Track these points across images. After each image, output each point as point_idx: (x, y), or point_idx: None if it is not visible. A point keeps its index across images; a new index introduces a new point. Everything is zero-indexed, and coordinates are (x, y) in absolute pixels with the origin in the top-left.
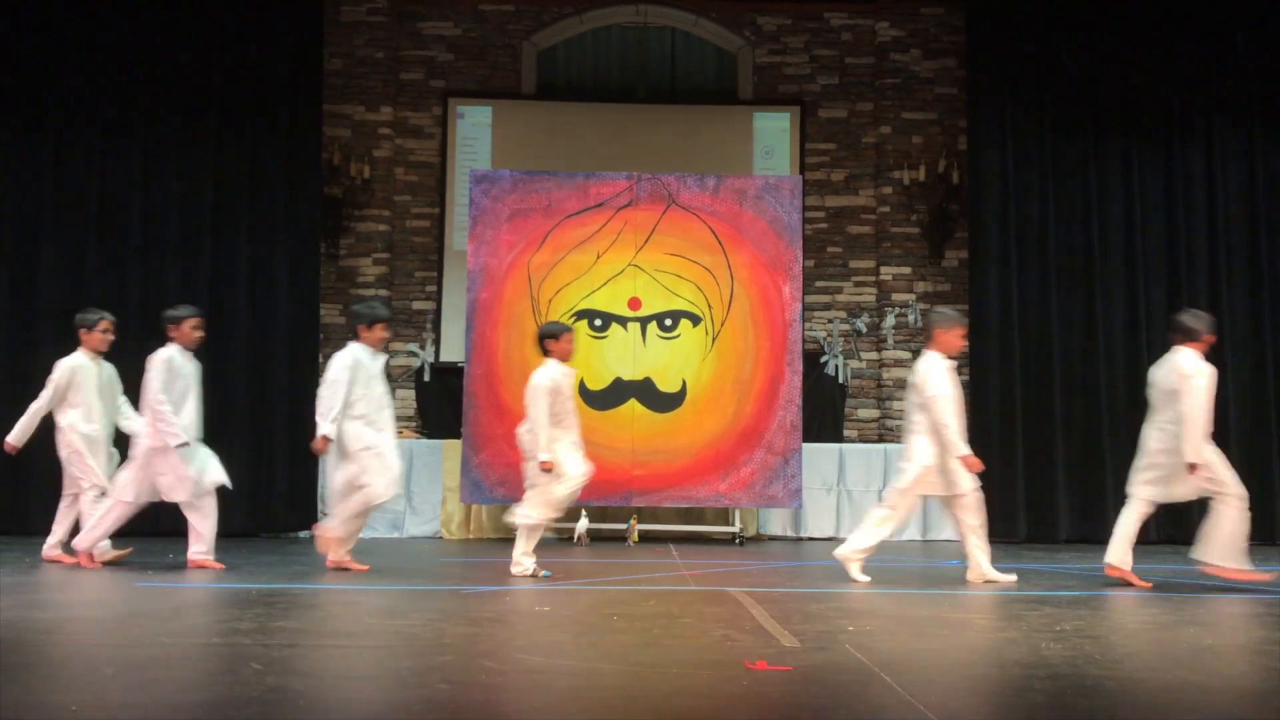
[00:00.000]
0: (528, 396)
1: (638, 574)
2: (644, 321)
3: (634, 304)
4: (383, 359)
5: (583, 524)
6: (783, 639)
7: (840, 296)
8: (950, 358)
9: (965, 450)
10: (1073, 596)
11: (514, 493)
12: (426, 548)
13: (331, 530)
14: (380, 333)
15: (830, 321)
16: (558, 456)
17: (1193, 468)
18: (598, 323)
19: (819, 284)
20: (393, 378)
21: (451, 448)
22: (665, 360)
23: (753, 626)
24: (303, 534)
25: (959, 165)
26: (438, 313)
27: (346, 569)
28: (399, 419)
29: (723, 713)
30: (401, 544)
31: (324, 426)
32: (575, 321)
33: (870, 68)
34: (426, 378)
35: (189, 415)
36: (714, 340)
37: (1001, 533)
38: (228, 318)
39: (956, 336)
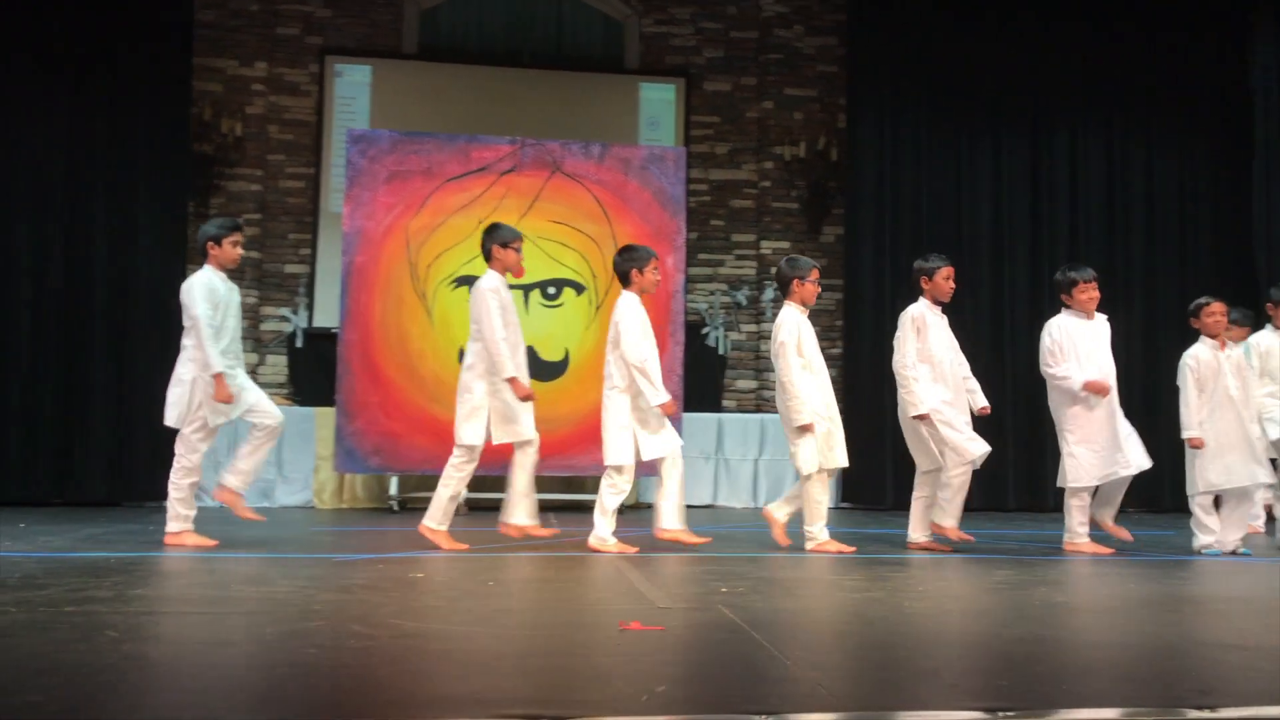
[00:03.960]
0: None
1: (516, 541)
2: (527, 289)
3: (517, 271)
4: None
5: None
6: (657, 600)
7: (722, 269)
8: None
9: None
10: (935, 559)
11: (389, 462)
12: (297, 517)
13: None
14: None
15: (712, 294)
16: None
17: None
18: None
19: (701, 256)
20: (264, 343)
21: (324, 415)
22: (548, 329)
23: (627, 589)
24: (165, 503)
25: (838, 143)
26: (311, 276)
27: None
28: (271, 386)
29: (596, 671)
30: (271, 513)
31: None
32: (456, 288)
33: (755, 42)
34: (299, 343)
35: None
36: (598, 309)
37: (870, 500)
38: (86, 279)
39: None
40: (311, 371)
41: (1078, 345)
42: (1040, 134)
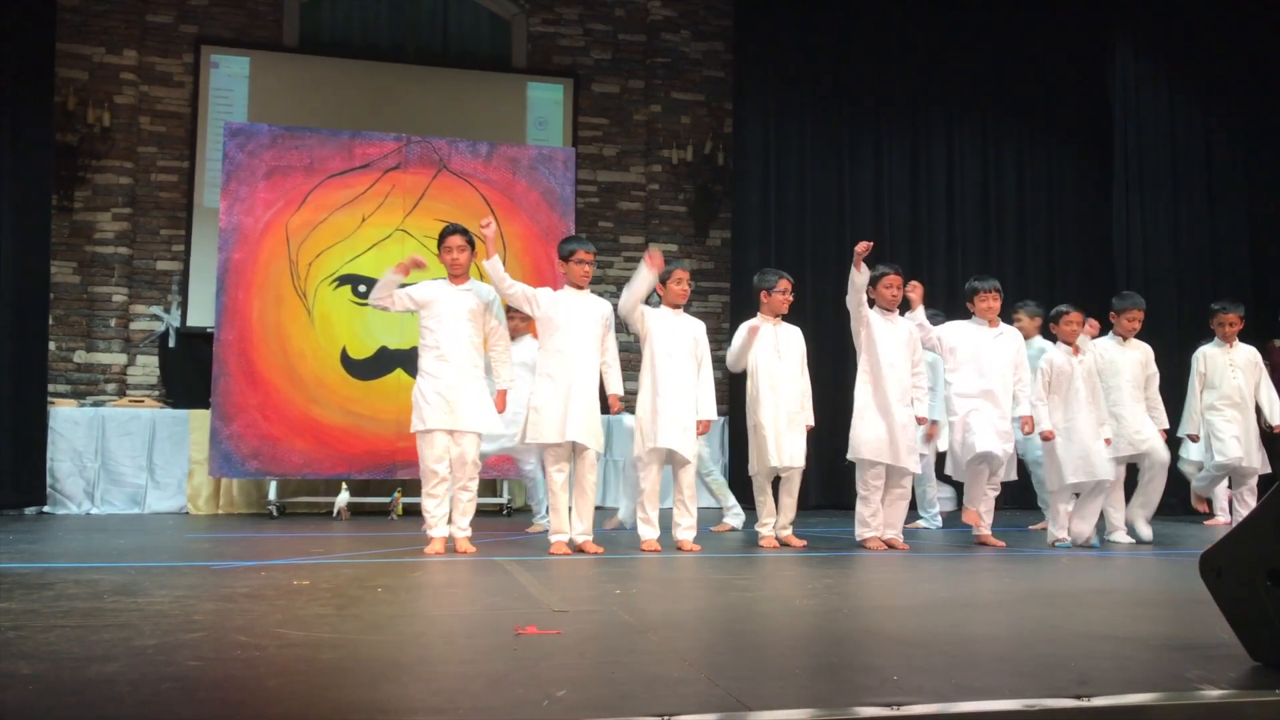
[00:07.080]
0: None
1: (402, 546)
2: None
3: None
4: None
5: (343, 498)
6: (552, 604)
7: (611, 271)
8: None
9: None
10: (821, 557)
11: (268, 466)
12: (171, 523)
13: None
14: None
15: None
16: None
17: None
18: (362, 289)
19: None
20: (134, 343)
21: (198, 418)
22: None
23: (521, 594)
24: (28, 511)
25: (724, 147)
26: (185, 274)
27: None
28: (142, 387)
29: (495, 677)
30: (143, 519)
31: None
32: (338, 287)
33: (642, 46)
34: (171, 343)
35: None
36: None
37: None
38: None
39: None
40: (184, 372)
41: (965, 347)
42: (920, 141)
